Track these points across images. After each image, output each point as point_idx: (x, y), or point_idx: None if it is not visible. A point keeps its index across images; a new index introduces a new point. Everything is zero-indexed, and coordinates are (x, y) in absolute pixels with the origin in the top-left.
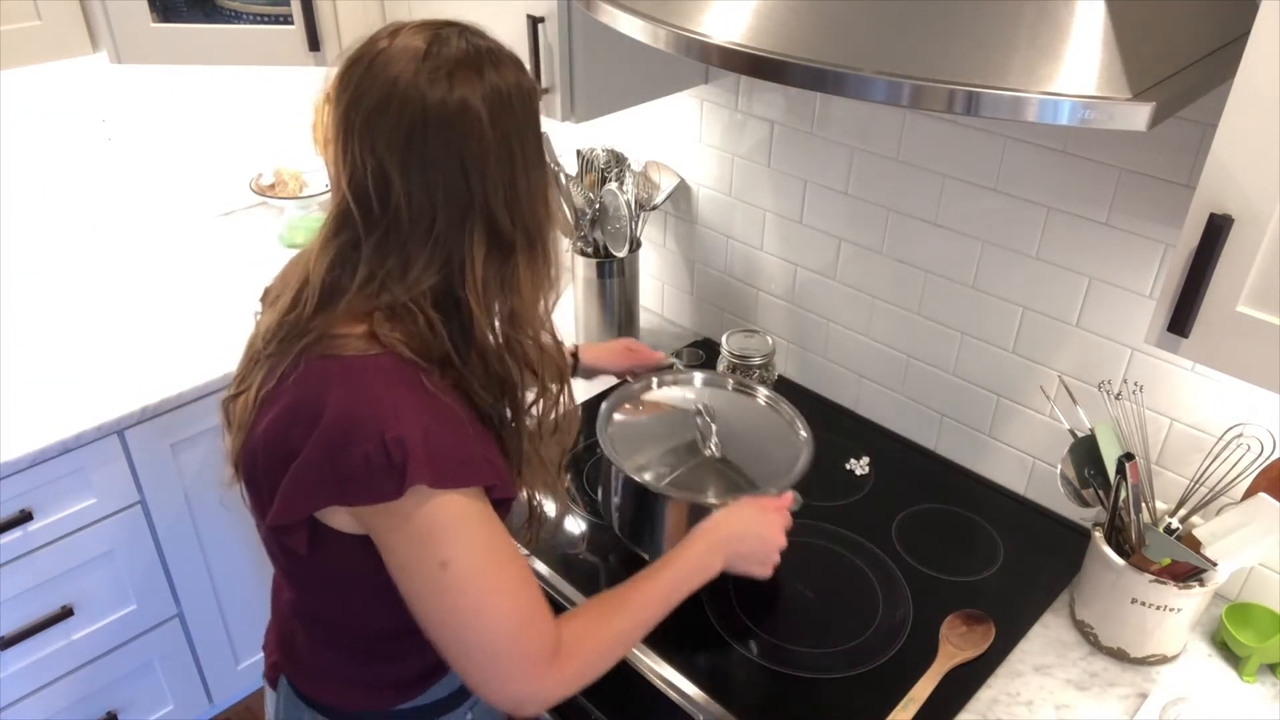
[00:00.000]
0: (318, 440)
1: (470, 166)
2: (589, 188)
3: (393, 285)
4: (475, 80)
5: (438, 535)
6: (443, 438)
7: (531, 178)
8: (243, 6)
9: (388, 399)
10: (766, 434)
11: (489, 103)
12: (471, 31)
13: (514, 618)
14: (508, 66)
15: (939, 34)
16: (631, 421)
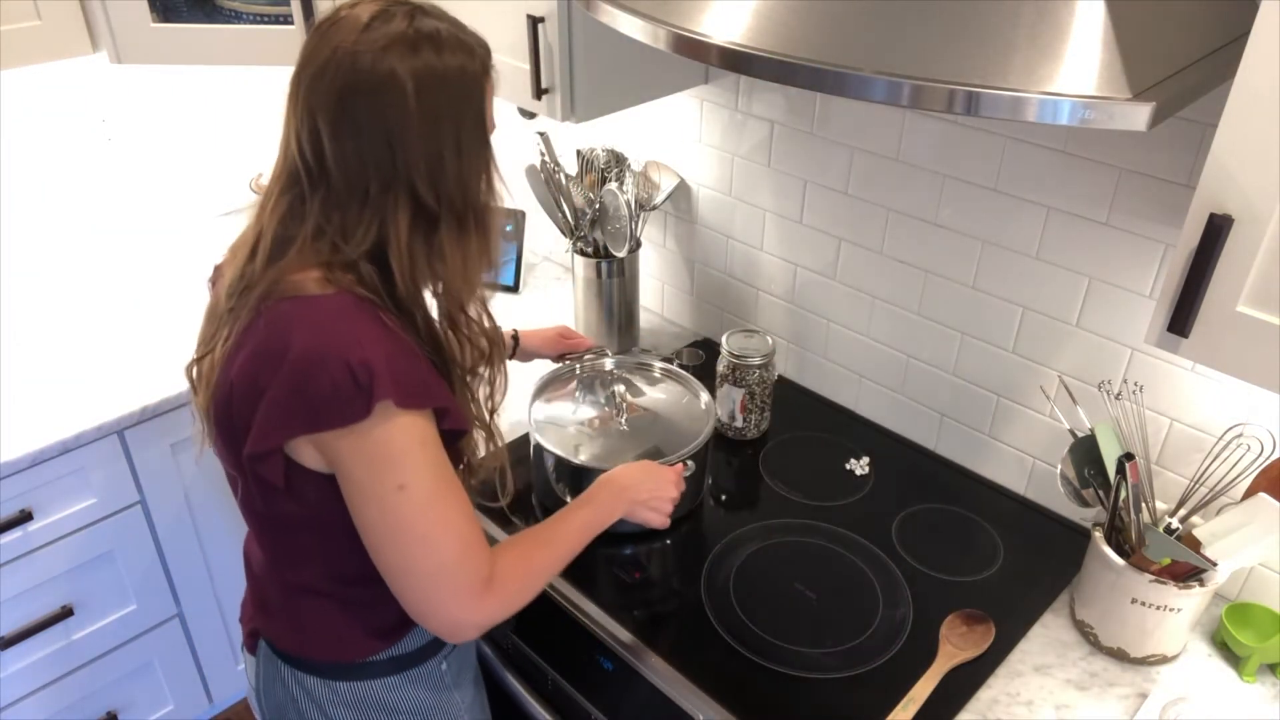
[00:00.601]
0: (286, 374)
1: (394, 137)
2: (589, 188)
3: (338, 241)
4: (408, 56)
5: (397, 458)
6: (402, 363)
7: (464, 159)
8: (243, 6)
9: (348, 330)
10: (673, 405)
11: (418, 78)
12: (427, 12)
13: (458, 545)
14: (452, 50)
15: (939, 34)
16: (554, 405)
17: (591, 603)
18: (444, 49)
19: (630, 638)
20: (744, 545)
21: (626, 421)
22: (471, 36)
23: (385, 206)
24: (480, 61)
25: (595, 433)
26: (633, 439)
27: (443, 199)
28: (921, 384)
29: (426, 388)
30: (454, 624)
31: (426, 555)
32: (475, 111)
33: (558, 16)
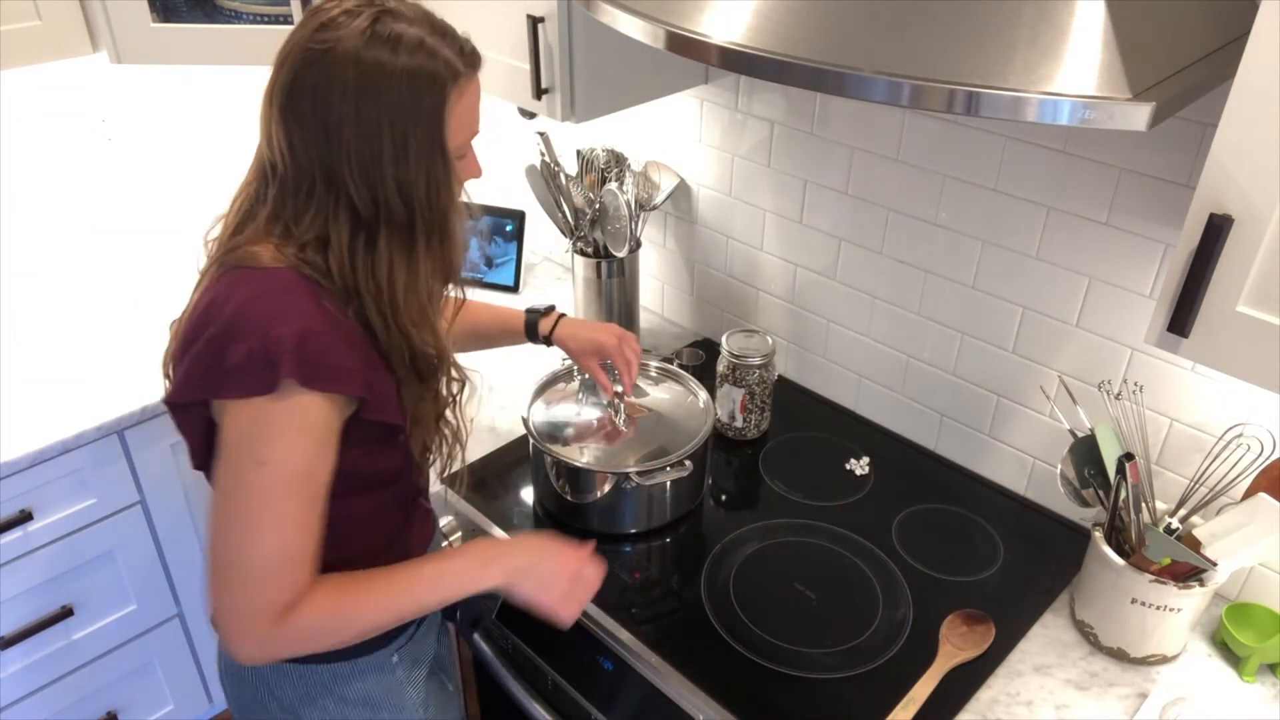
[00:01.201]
0: (212, 335)
1: (331, 135)
2: (589, 188)
3: (291, 227)
4: (356, 55)
5: (272, 434)
6: (321, 342)
7: (409, 167)
8: (243, 6)
9: (278, 303)
10: (674, 405)
11: (360, 78)
12: (397, 15)
13: (275, 554)
14: (410, 53)
15: (939, 34)
16: (554, 407)
17: (591, 603)
18: (400, 51)
19: (630, 638)
20: (744, 545)
21: (626, 423)
22: (446, 42)
23: (329, 203)
24: (446, 66)
25: (596, 434)
26: (634, 439)
27: (380, 206)
28: (921, 384)
29: (340, 372)
30: (230, 637)
31: (242, 546)
32: (429, 118)
33: (558, 16)
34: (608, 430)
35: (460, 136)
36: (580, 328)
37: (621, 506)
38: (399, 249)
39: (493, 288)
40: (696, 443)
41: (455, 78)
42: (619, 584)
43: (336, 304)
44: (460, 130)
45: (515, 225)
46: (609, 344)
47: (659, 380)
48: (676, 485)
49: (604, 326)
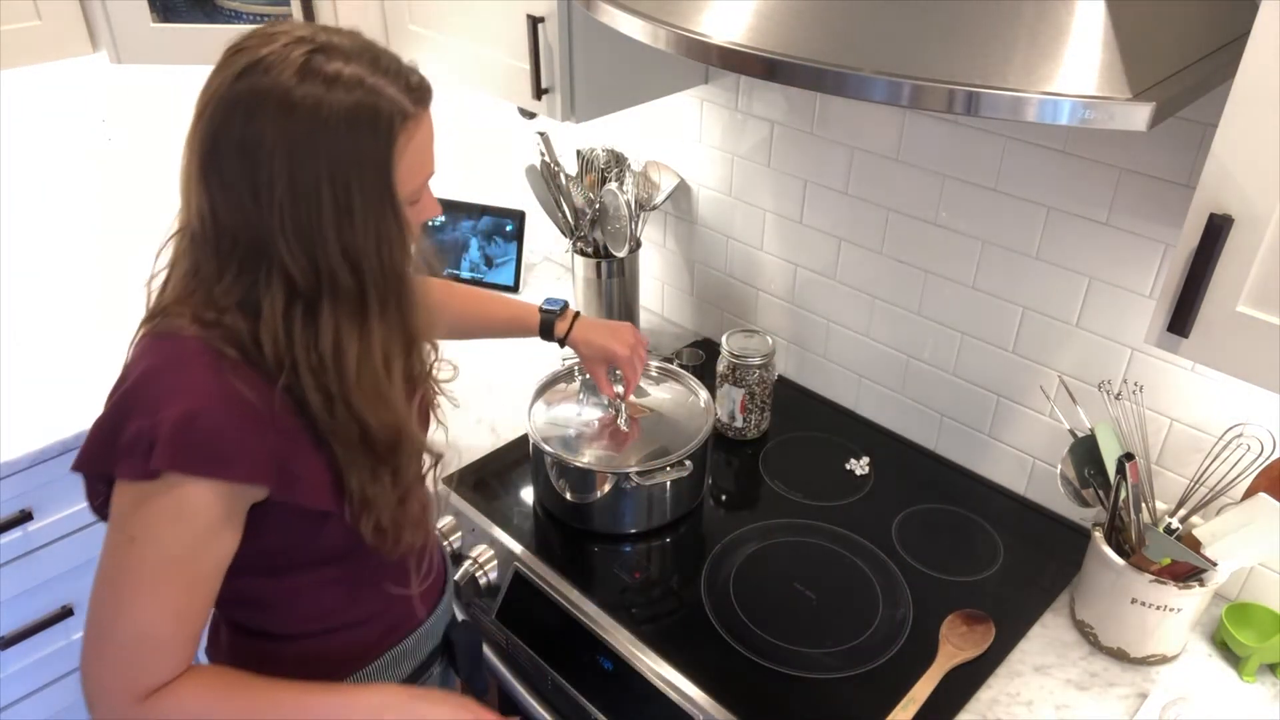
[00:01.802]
0: (112, 405)
1: (261, 197)
2: (589, 188)
3: (210, 287)
4: (286, 104)
5: (150, 517)
6: (213, 425)
7: (358, 228)
8: (243, 6)
9: (174, 379)
10: (675, 404)
11: (293, 132)
12: (333, 53)
13: (144, 634)
14: (349, 94)
15: (939, 34)
16: (555, 408)
17: (591, 603)
18: (337, 94)
19: (630, 638)
20: (744, 545)
21: (628, 423)
22: (391, 78)
23: (258, 271)
24: (392, 106)
25: (598, 435)
26: (636, 440)
27: (323, 275)
28: (921, 384)
29: (233, 459)
30: (91, 707)
31: (110, 619)
32: (375, 169)
33: (558, 16)
34: (610, 430)
35: (413, 183)
36: (595, 333)
37: (621, 506)
38: (347, 319)
39: (493, 287)
40: (697, 443)
41: (404, 119)
42: (619, 584)
43: (254, 378)
44: (412, 176)
45: (515, 225)
46: (620, 355)
47: (660, 380)
48: (676, 485)
49: (618, 334)
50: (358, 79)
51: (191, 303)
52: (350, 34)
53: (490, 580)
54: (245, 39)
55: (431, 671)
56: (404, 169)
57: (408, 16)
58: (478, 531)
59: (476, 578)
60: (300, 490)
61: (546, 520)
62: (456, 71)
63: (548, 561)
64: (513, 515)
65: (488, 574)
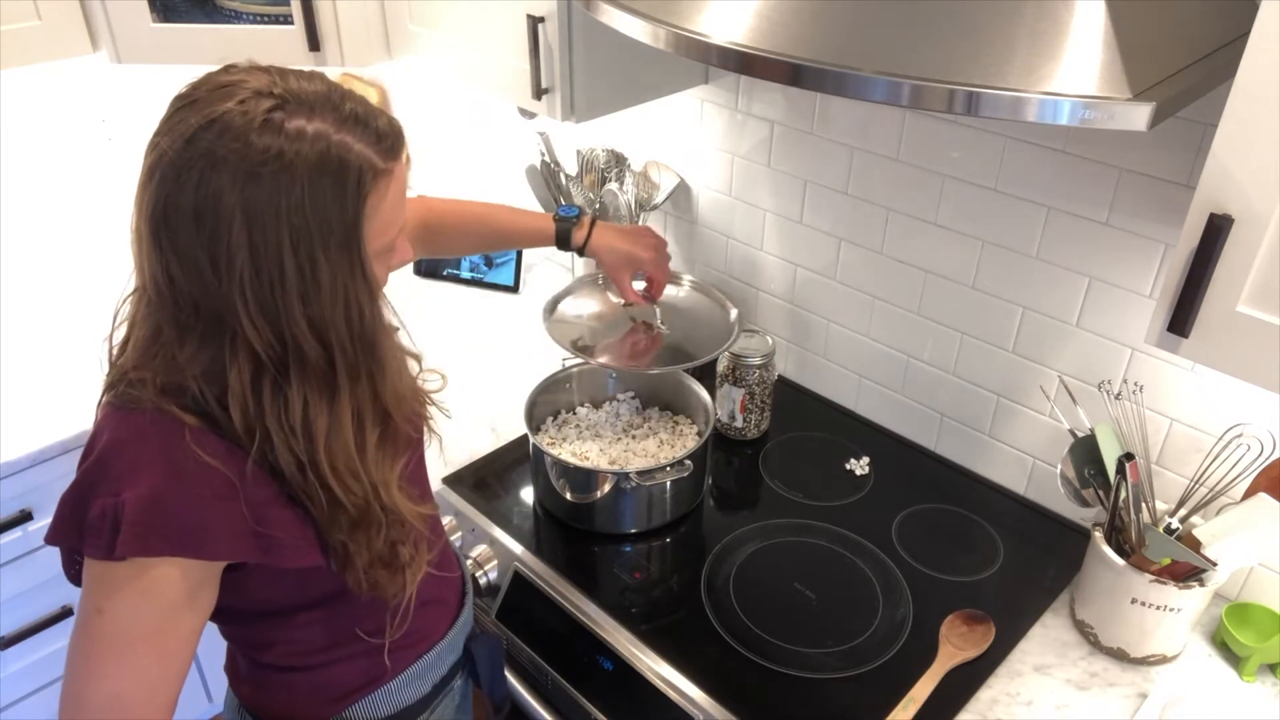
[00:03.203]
0: (76, 481)
1: (219, 268)
2: (589, 188)
3: (172, 352)
4: (245, 167)
5: (116, 592)
6: (179, 503)
7: (325, 298)
8: (243, 6)
9: (137, 456)
10: (701, 314)
11: (252, 197)
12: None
13: (111, 702)
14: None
15: (939, 34)
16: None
17: (591, 603)
18: (301, 154)
19: (630, 638)
20: (744, 545)
21: (660, 322)
22: (360, 130)
23: (220, 338)
24: (362, 163)
25: (620, 341)
26: (659, 348)
27: (289, 348)
28: (921, 384)
29: (196, 537)
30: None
31: (80, 683)
32: (343, 233)
33: (558, 16)
34: (633, 338)
35: (382, 240)
36: (616, 238)
37: (621, 506)
38: (316, 392)
39: (493, 288)
40: (695, 446)
41: (374, 175)
42: (619, 584)
43: (222, 447)
44: (382, 233)
45: None
46: (644, 257)
47: (689, 291)
48: (676, 485)
49: (641, 237)
50: (323, 136)
51: (153, 367)
52: (312, 77)
53: (490, 580)
54: (196, 88)
55: (453, 685)
56: (375, 228)
57: (408, 16)
58: (478, 531)
59: (476, 578)
60: (280, 554)
61: (546, 520)
62: (456, 71)
63: (548, 561)
64: (513, 515)
65: (488, 574)
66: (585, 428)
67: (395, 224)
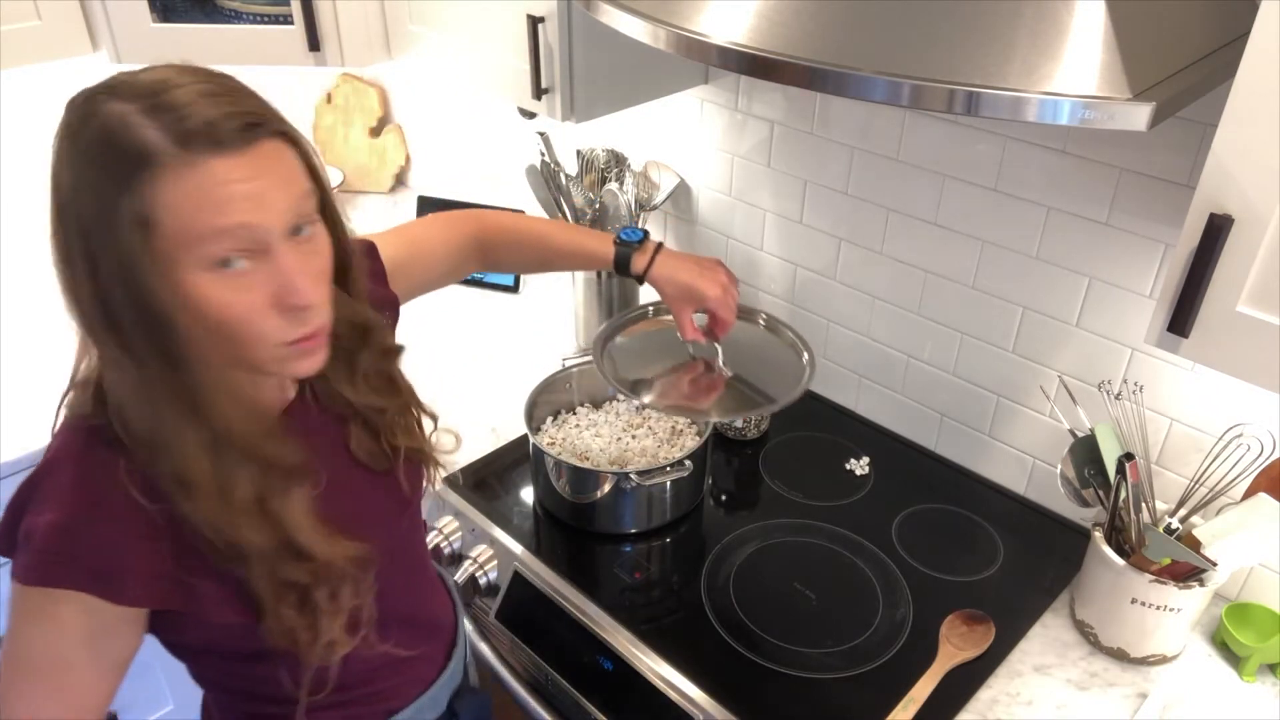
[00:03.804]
0: (15, 492)
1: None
2: (589, 188)
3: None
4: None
5: (19, 615)
6: (90, 538)
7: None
8: (243, 6)
9: (61, 478)
10: (769, 354)
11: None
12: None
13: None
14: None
15: (939, 34)
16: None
17: (591, 603)
18: (85, 133)
19: (630, 638)
20: (744, 545)
21: (724, 365)
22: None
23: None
24: (145, 146)
25: (678, 382)
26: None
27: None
28: (921, 384)
29: (107, 575)
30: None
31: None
32: (109, 217)
33: (558, 16)
34: (693, 378)
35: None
36: (681, 269)
37: (621, 506)
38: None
39: (492, 288)
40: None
41: (162, 162)
42: (619, 584)
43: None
44: (191, 231)
45: None
46: (710, 296)
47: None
48: (676, 485)
49: (708, 271)
50: (116, 114)
51: (91, 376)
52: (201, 71)
53: (490, 580)
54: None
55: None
56: (176, 225)
57: (408, 16)
58: (478, 531)
59: (476, 578)
60: (201, 606)
61: (546, 520)
62: (456, 71)
63: (548, 561)
64: (513, 515)
65: (488, 574)
66: (585, 428)
67: (209, 226)
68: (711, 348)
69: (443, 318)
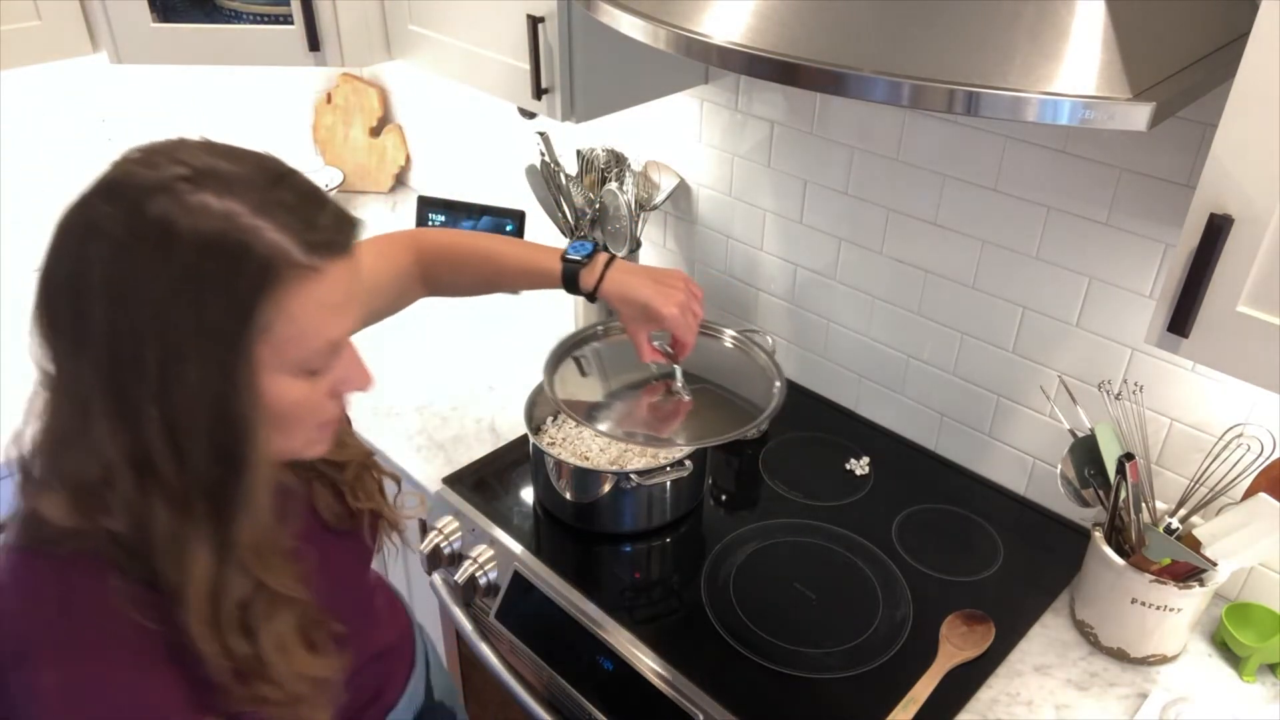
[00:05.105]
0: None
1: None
2: (589, 188)
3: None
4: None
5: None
6: (97, 688)
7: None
8: (243, 6)
9: (29, 631)
10: (738, 374)
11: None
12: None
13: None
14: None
15: (939, 34)
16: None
17: (591, 603)
18: (188, 230)
19: (630, 638)
20: (744, 545)
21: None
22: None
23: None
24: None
25: (637, 407)
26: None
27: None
28: (921, 384)
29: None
30: None
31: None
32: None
33: (558, 16)
34: (654, 403)
35: (298, 352)
36: (634, 285)
37: (621, 506)
38: (175, 516)
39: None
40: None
41: (289, 269)
42: (619, 584)
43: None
44: (298, 345)
45: (515, 225)
46: (667, 316)
47: (713, 337)
48: (676, 485)
49: (666, 286)
50: (229, 214)
51: (63, 476)
52: (250, 159)
53: (490, 580)
54: (130, 152)
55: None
56: (287, 335)
57: (408, 16)
58: (478, 531)
59: (476, 578)
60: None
61: (546, 520)
62: (456, 72)
63: (548, 561)
64: (513, 515)
65: (488, 574)
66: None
67: (318, 336)
68: (672, 369)
69: (443, 318)
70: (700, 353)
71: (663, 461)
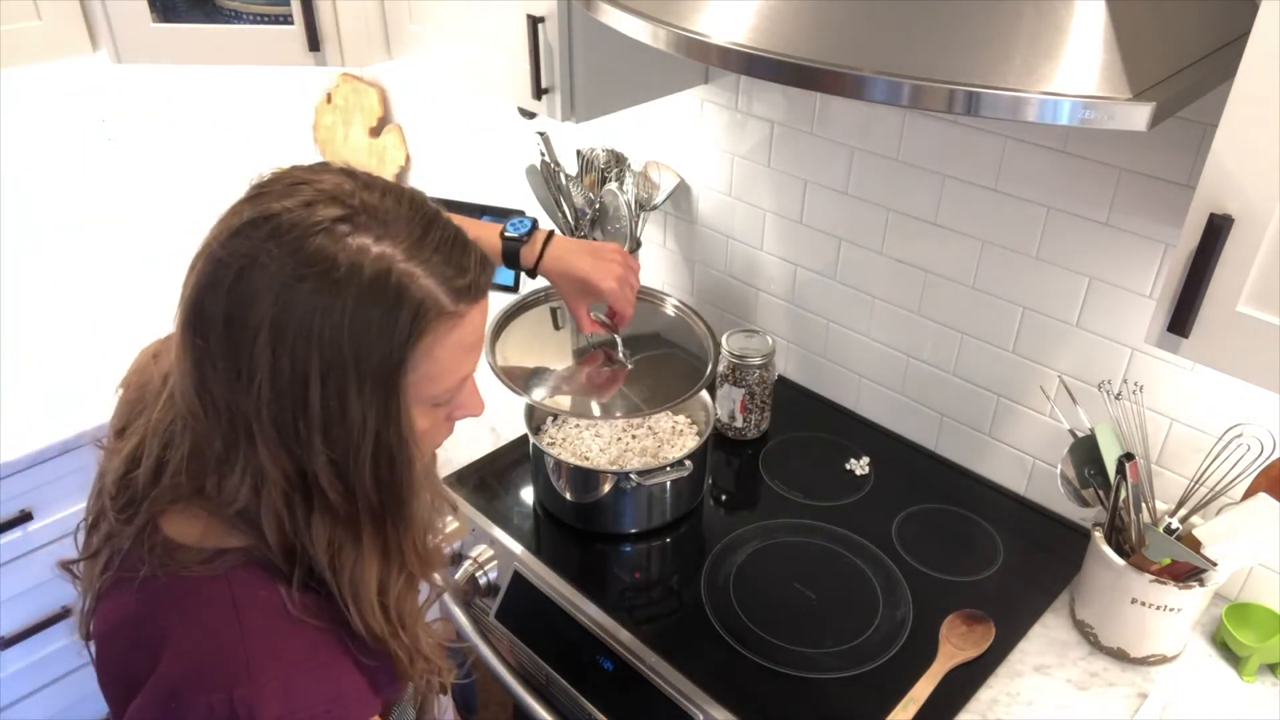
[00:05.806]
0: (156, 686)
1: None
2: (589, 188)
3: (222, 483)
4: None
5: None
6: (306, 688)
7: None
8: (243, 6)
9: (235, 647)
10: (676, 342)
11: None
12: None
13: None
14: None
15: (939, 34)
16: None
17: (591, 603)
18: (351, 278)
19: (630, 638)
20: (744, 545)
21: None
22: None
23: (255, 461)
24: (426, 301)
25: (576, 376)
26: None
27: (311, 481)
28: (921, 384)
29: (331, 713)
30: None
31: None
32: (383, 372)
33: (558, 16)
34: (592, 373)
35: (434, 388)
36: (573, 259)
37: (621, 506)
38: (342, 533)
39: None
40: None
41: (438, 315)
42: (619, 584)
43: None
44: (435, 382)
45: None
46: (604, 288)
47: (652, 307)
48: (676, 485)
49: (602, 260)
50: (386, 258)
51: (196, 499)
52: (400, 195)
53: (490, 580)
54: (271, 181)
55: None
56: (427, 373)
57: (408, 16)
58: (478, 531)
59: (476, 578)
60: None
61: (546, 520)
62: (456, 71)
63: (548, 561)
64: (513, 515)
65: (488, 574)
66: (585, 428)
67: (455, 374)
68: (610, 339)
69: None
70: (644, 318)
71: (663, 461)
